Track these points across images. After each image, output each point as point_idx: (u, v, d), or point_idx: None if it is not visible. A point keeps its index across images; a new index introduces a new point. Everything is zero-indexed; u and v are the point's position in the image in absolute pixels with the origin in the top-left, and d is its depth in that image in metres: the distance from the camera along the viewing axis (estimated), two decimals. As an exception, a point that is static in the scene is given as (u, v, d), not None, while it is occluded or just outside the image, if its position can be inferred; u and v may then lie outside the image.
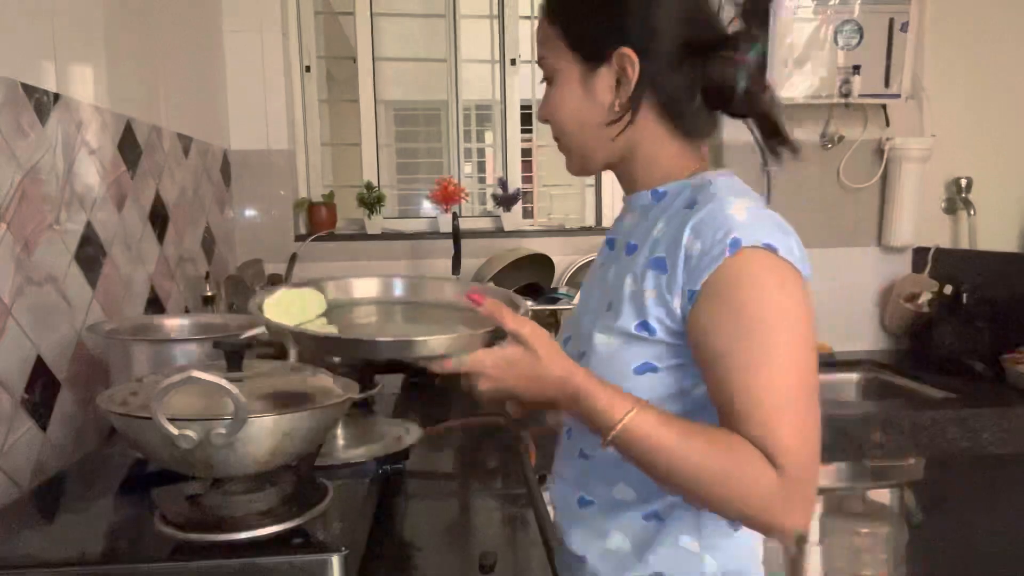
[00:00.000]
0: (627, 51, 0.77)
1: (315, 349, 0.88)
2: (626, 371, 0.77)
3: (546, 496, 1.06)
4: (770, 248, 0.70)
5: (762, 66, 0.79)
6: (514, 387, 0.73)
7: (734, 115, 0.82)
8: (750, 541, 0.84)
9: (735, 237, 0.70)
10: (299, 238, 2.17)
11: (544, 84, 0.85)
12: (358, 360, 1.14)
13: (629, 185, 0.87)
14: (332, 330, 0.83)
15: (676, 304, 0.74)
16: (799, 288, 0.71)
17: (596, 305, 0.85)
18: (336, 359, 1.10)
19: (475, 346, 0.73)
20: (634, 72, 0.78)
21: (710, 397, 0.74)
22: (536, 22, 0.86)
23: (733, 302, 0.70)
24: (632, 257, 0.81)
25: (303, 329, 0.80)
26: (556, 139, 0.87)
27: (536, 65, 0.87)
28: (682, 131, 0.82)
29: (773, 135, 0.82)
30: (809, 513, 0.69)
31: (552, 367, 0.72)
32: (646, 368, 0.77)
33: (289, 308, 0.84)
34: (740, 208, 0.72)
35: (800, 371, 0.69)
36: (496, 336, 0.74)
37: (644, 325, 0.76)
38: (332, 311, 0.90)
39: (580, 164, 0.87)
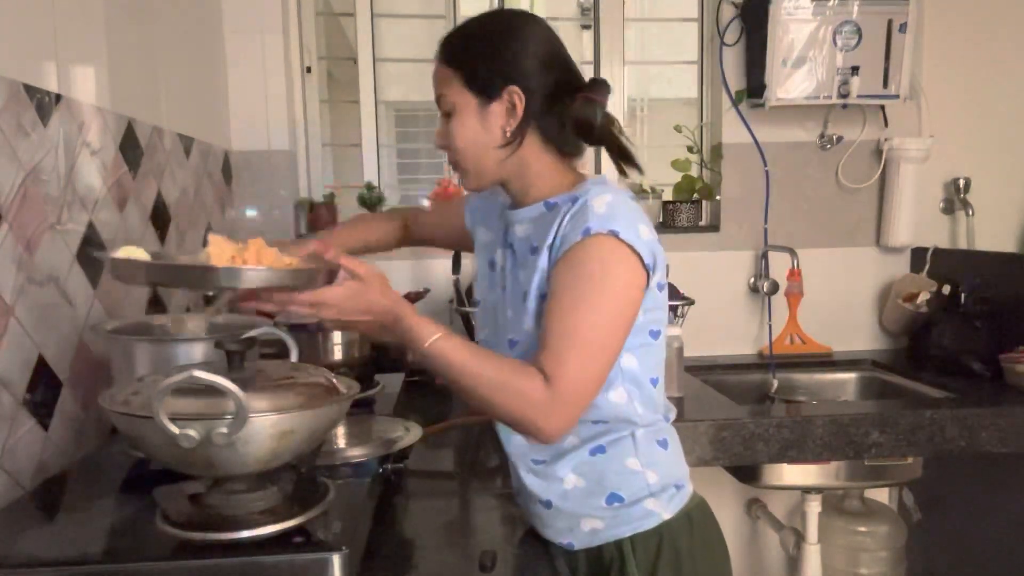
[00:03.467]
0: (515, 88, 0.98)
1: (168, 278, 0.95)
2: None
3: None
4: (613, 233, 0.92)
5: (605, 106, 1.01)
6: (352, 316, 0.89)
7: (592, 143, 1.03)
8: (677, 458, 1.09)
9: (587, 225, 0.93)
10: (300, 238, 2.18)
11: (442, 118, 1.03)
12: (208, 291, 1.22)
13: (521, 198, 1.06)
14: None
15: (548, 273, 0.97)
16: (628, 265, 0.93)
17: (513, 300, 1.04)
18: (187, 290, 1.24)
19: (316, 281, 0.86)
20: (521, 105, 0.98)
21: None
22: (436, 64, 1.03)
23: (574, 267, 0.93)
24: (536, 256, 1.01)
25: (167, 261, 0.90)
26: (453, 162, 1.05)
27: (436, 100, 1.04)
28: (560, 153, 1.04)
29: (623, 158, 1.03)
30: (567, 427, 0.93)
31: (383, 298, 0.90)
32: None
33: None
34: (600, 203, 0.94)
35: (598, 325, 0.92)
36: (332, 276, 0.89)
37: (543, 296, 0.98)
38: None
39: (475, 181, 1.05)
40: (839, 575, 2.15)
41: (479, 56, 1.00)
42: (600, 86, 1.01)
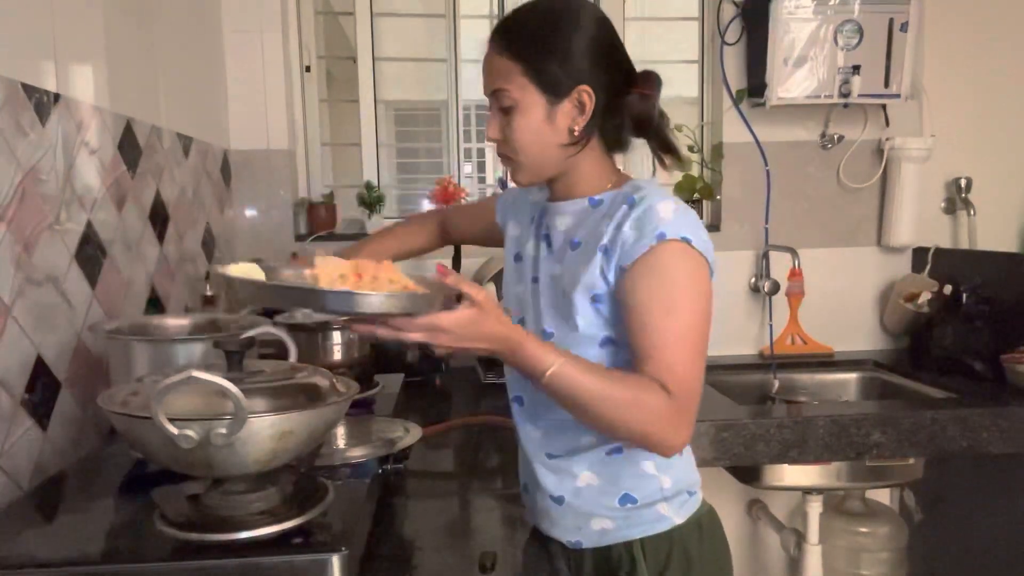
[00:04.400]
0: (586, 88, 0.96)
1: (282, 301, 0.90)
2: (593, 344, 0.98)
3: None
4: (686, 240, 0.92)
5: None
6: (467, 343, 0.84)
7: (646, 138, 1.03)
8: (691, 464, 1.09)
9: (661, 231, 0.92)
10: (299, 238, 2.17)
11: (498, 111, 0.98)
12: (335, 314, 1.14)
13: (564, 192, 1.05)
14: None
15: (611, 277, 0.96)
16: (703, 271, 0.94)
17: (549, 292, 1.04)
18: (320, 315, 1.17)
19: (431, 306, 0.81)
20: (591, 104, 0.96)
21: (628, 339, 0.94)
22: (491, 55, 0.98)
23: (655, 273, 0.92)
24: (579, 251, 1.00)
25: (277, 282, 0.82)
26: (506, 155, 1.01)
27: (490, 96, 0.99)
28: (608, 149, 1.03)
29: (669, 152, 1.03)
30: (689, 433, 0.91)
31: (500, 326, 0.86)
32: (606, 342, 0.99)
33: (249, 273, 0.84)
34: (667, 208, 0.93)
35: (694, 327, 0.92)
36: (449, 301, 0.84)
37: (597, 298, 0.97)
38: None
39: (530, 176, 1.03)
40: (840, 576, 2.15)
41: (548, 51, 0.95)
42: (652, 79, 1.00)
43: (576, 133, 0.97)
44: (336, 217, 2.26)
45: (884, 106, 2.22)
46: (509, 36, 0.97)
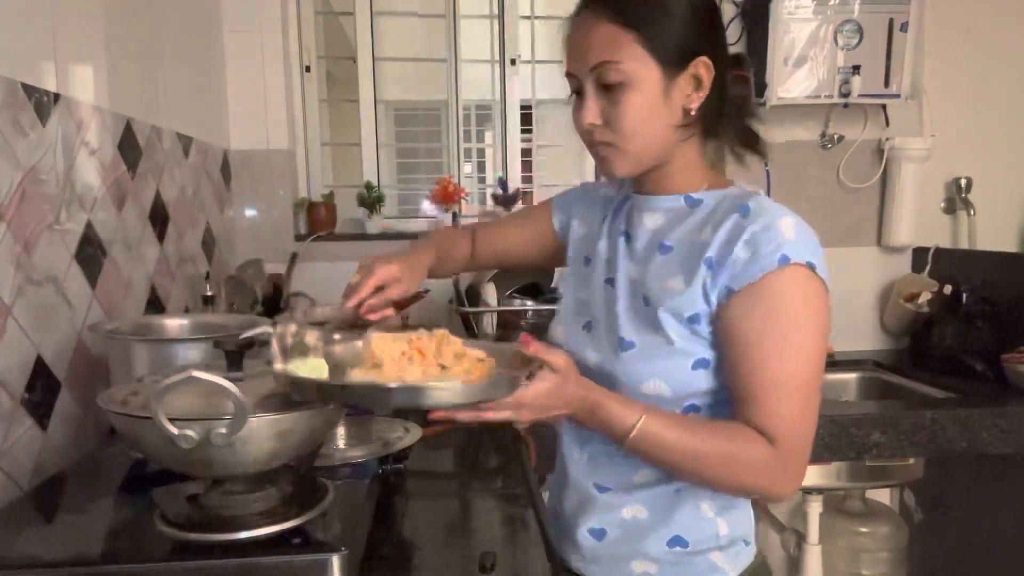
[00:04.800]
0: (705, 60, 0.83)
1: (348, 399, 0.78)
2: (684, 365, 0.85)
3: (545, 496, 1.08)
4: (810, 266, 0.80)
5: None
6: (552, 412, 0.79)
7: (740, 126, 0.91)
8: (750, 509, 0.97)
9: (784, 254, 0.79)
10: (299, 238, 2.17)
11: (591, 91, 0.84)
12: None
13: (655, 186, 0.92)
14: (371, 378, 0.75)
15: (714, 297, 0.83)
16: (824, 302, 0.81)
17: (629, 297, 0.91)
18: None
19: (506, 387, 0.75)
20: (708, 78, 0.84)
21: (726, 373, 0.84)
22: (592, 25, 0.83)
23: (771, 300, 0.79)
24: (671, 257, 0.88)
25: (351, 382, 0.73)
26: (604, 143, 0.86)
27: (588, 72, 0.84)
28: (703, 138, 0.90)
29: (750, 145, 0.92)
30: (800, 482, 0.83)
31: (578, 388, 0.79)
32: (700, 364, 0.85)
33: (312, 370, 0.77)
34: (789, 226, 0.81)
35: (808, 369, 0.80)
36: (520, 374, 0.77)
37: (695, 317, 0.84)
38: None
39: (633, 166, 0.88)
40: (840, 576, 2.15)
41: (663, 14, 0.81)
42: (745, 61, 0.90)
43: (693, 112, 0.85)
44: (336, 217, 2.26)
45: (884, 106, 2.22)
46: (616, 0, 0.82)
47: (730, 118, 0.90)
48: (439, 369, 0.77)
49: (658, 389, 0.85)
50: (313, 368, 0.77)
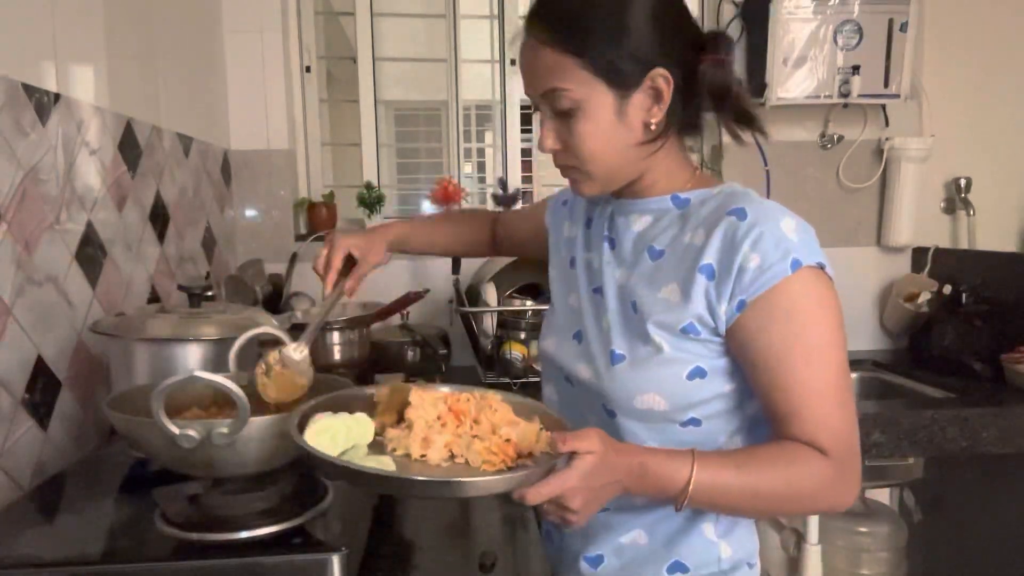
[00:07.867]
0: (662, 71, 0.78)
1: (387, 488, 0.75)
2: (679, 375, 0.82)
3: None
4: (820, 266, 0.78)
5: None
6: (600, 493, 0.72)
7: (723, 112, 0.85)
8: (754, 529, 0.93)
9: (795, 258, 0.76)
10: (299, 238, 2.17)
11: (546, 116, 0.82)
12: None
13: (640, 192, 0.88)
14: (388, 464, 0.72)
15: (722, 309, 0.78)
16: (834, 296, 0.79)
17: (618, 306, 0.87)
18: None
19: (543, 474, 0.70)
20: (668, 89, 0.79)
21: (756, 394, 0.81)
22: (536, 50, 0.79)
23: (787, 313, 0.76)
24: (663, 262, 0.84)
25: (373, 470, 0.68)
26: (569, 166, 0.84)
27: (539, 98, 0.81)
28: (683, 135, 0.87)
29: (748, 122, 0.86)
30: (859, 484, 0.80)
31: (618, 456, 0.73)
32: (696, 374, 0.82)
33: (335, 436, 0.73)
34: (791, 227, 0.78)
35: (837, 370, 0.78)
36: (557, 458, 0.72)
37: (689, 327, 0.80)
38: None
39: (603, 186, 0.86)
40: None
41: (608, 33, 0.76)
42: (723, 41, 0.82)
43: (653, 127, 0.80)
44: (336, 217, 2.26)
45: (884, 106, 2.22)
46: (555, 22, 0.77)
47: (718, 107, 0.85)
48: (469, 440, 0.74)
49: (653, 403, 0.82)
50: (380, 463, 0.72)
